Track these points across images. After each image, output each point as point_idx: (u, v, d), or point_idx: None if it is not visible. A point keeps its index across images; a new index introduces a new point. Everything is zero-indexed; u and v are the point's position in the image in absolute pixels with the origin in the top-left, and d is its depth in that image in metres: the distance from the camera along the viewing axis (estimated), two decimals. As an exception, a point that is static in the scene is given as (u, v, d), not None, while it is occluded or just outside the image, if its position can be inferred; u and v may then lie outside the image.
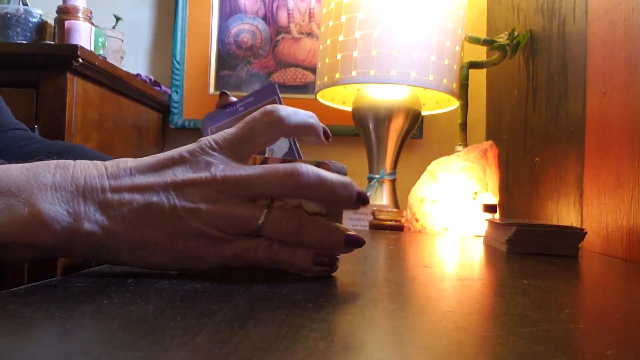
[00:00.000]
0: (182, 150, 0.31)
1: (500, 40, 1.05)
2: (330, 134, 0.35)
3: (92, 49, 1.12)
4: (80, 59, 0.97)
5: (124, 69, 1.23)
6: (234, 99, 0.45)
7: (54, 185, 0.28)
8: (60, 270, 1.10)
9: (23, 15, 1.12)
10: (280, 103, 0.42)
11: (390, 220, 0.86)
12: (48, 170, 0.28)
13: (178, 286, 0.28)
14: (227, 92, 0.44)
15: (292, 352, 0.17)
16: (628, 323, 0.26)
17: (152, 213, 0.29)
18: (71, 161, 0.30)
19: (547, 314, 0.26)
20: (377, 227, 0.86)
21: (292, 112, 0.32)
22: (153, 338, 0.18)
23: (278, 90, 0.43)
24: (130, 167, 0.30)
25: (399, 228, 0.86)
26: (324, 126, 0.35)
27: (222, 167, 0.30)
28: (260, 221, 0.30)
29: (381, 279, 0.36)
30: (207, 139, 0.31)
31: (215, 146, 0.31)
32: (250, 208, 0.30)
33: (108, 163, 0.30)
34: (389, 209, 0.91)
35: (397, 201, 1.10)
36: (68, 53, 0.97)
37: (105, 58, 1.18)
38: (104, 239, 0.29)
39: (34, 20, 1.14)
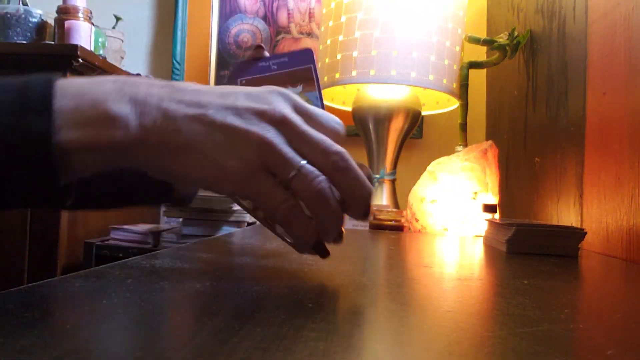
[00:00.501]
0: (248, 88, 0.32)
1: (500, 40, 1.05)
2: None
3: (92, 49, 1.12)
4: (80, 59, 0.97)
5: (124, 69, 1.23)
6: (267, 54, 0.44)
7: (117, 90, 0.29)
8: (60, 271, 1.10)
9: (23, 15, 1.12)
10: (316, 71, 0.42)
11: (390, 220, 0.86)
12: (109, 80, 0.30)
13: (178, 286, 0.28)
14: (262, 45, 0.44)
15: (292, 352, 0.17)
16: (628, 323, 0.26)
17: (204, 123, 0.29)
18: (134, 78, 0.31)
19: (547, 314, 0.26)
20: (377, 227, 0.86)
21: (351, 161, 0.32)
22: (153, 338, 0.18)
23: (315, 58, 0.42)
24: (191, 87, 0.31)
25: (399, 228, 0.86)
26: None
27: (285, 107, 0.31)
28: (300, 164, 0.30)
29: (381, 279, 0.36)
30: (276, 88, 0.32)
31: (285, 94, 0.32)
32: (292, 153, 0.30)
33: (166, 82, 0.31)
34: (389, 209, 0.91)
35: (397, 201, 1.10)
36: (68, 53, 0.97)
37: (105, 58, 1.18)
38: (159, 139, 0.29)
39: (34, 20, 1.14)
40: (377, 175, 1.09)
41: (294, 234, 0.32)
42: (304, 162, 0.30)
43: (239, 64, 0.44)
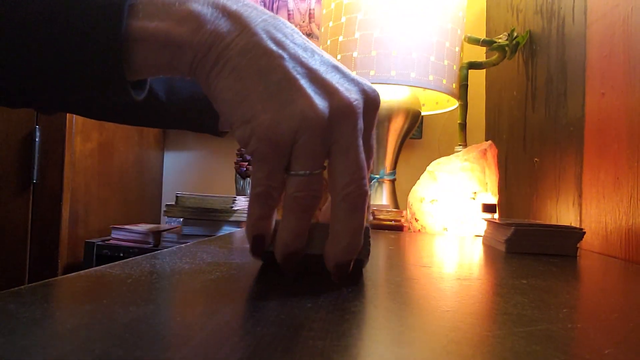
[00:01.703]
0: (348, 71, 0.31)
1: (500, 40, 1.06)
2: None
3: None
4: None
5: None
6: None
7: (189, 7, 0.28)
8: (61, 270, 1.10)
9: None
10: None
11: (390, 220, 0.86)
12: None
13: (178, 286, 0.28)
14: None
15: (292, 352, 0.18)
16: (626, 322, 0.26)
17: (271, 68, 0.28)
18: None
19: (545, 314, 0.26)
20: (377, 227, 0.86)
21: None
22: (153, 338, 0.18)
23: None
24: (290, 32, 0.29)
25: (398, 228, 0.86)
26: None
27: (359, 106, 0.29)
28: (316, 171, 0.28)
29: (381, 279, 0.36)
30: (376, 97, 0.31)
31: (376, 103, 0.31)
32: (320, 157, 0.28)
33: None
34: (389, 209, 0.91)
35: (397, 201, 1.10)
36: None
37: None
38: (223, 54, 0.28)
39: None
40: (377, 176, 1.09)
41: (248, 216, 0.30)
42: (317, 170, 0.28)
43: None
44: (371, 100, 0.31)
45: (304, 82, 0.28)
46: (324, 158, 0.29)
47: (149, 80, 0.35)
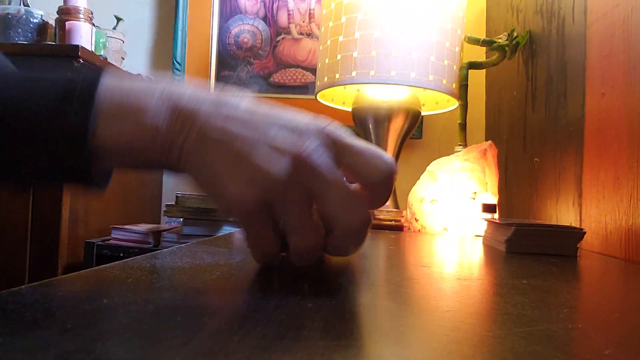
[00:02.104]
0: (302, 116, 0.32)
1: (500, 40, 1.06)
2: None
3: (93, 50, 1.12)
4: (81, 60, 0.97)
5: (125, 69, 1.23)
6: None
7: (156, 98, 0.30)
8: (61, 270, 1.10)
9: (24, 16, 1.13)
10: None
11: (390, 220, 0.86)
12: (155, 90, 0.31)
13: (178, 286, 0.28)
14: None
15: (292, 352, 0.18)
16: (626, 323, 0.26)
17: (230, 142, 0.30)
18: (178, 89, 0.32)
19: (545, 314, 0.26)
20: (377, 227, 0.86)
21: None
22: (153, 337, 0.18)
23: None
24: (228, 99, 0.32)
25: (398, 228, 0.86)
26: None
27: (315, 151, 0.30)
28: (300, 228, 0.31)
29: (381, 279, 0.36)
30: (334, 130, 0.32)
31: (335, 139, 0.31)
32: (300, 195, 0.30)
33: (217, 92, 0.33)
34: (389, 209, 0.91)
35: (397, 201, 1.10)
36: (69, 54, 0.97)
37: (106, 59, 1.18)
38: (185, 145, 0.30)
39: (35, 21, 1.14)
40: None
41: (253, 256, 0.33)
42: (306, 220, 0.30)
43: None
44: (330, 131, 0.32)
45: (256, 150, 0.30)
46: (306, 207, 0.30)
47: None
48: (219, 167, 0.30)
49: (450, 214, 0.85)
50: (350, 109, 1.13)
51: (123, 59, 1.37)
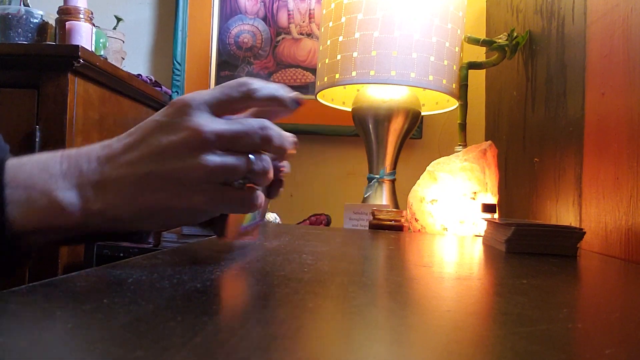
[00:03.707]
0: (158, 116, 0.33)
1: (500, 41, 1.06)
2: (301, 100, 0.37)
3: (93, 50, 1.12)
4: (81, 60, 0.97)
5: (125, 69, 1.23)
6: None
7: (62, 174, 0.32)
8: (62, 270, 1.10)
9: (24, 16, 1.13)
10: None
11: (390, 220, 0.86)
12: (56, 161, 0.32)
13: (178, 286, 0.28)
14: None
15: (292, 352, 0.18)
16: (626, 322, 0.26)
17: (150, 181, 0.32)
18: (73, 150, 0.33)
19: (545, 314, 0.26)
20: (377, 227, 0.86)
21: (263, 86, 0.34)
22: (153, 337, 0.18)
23: None
24: (120, 145, 0.33)
25: (398, 228, 0.86)
26: (293, 95, 0.36)
27: (201, 122, 0.32)
28: (250, 164, 0.33)
29: (381, 279, 0.36)
30: (181, 100, 0.33)
31: (191, 105, 0.32)
32: (236, 156, 0.33)
33: (101, 146, 0.34)
34: (389, 209, 0.91)
35: (397, 201, 1.10)
36: (69, 54, 0.97)
37: (106, 59, 1.18)
38: (112, 212, 0.32)
39: (35, 21, 1.14)
40: (377, 176, 1.09)
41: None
42: (251, 157, 0.33)
43: None
44: (191, 103, 0.33)
45: (169, 167, 0.32)
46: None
47: None
48: (163, 198, 0.32)
49: (450, 214, 0.85)
50: (350, 109, 1.13)
51: (123, 59, 1.37)
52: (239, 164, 0.32)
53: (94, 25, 1.15)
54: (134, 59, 1.48)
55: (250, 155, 0.33)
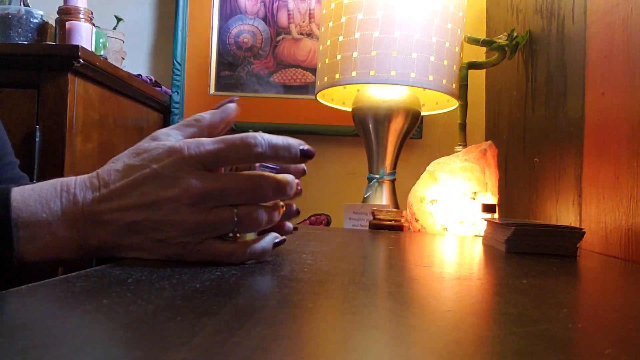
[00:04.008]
0: (155, 164, 0.35)
1: (500, 41, 1.06)
2: (311, 153, 0.37)
3: (93, 50, 1.12)
4: (81, 60, 0.97)
5: (125, 69, 1.23)
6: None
7: (62, 211, 0.35)
8: (61, 271, 1.10)
9: (24, 16, 1.13)
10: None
11: (390, 220, 0.86)
12: (56, 195, 0.35)
13: (178, 286, 0.28)
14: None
15: (292, 352, 0.18)
16: (626, 322, 0.26)
17: (136, 227, 0.34)
18: (71, 181, 0.36)
19: (545, 314, 0.26)
20: (377, 227, 0.86)
21: (268, 146, 0.35)
22: (153, 338, 0.18)
23: None
24: (116, 187, 0.35)
25: (398, 228, 0.86)
26: (304, 147, 0.37)
27: (193, 181, 0.34)
28: (235, 218, 0.35)
29: (381, 279, 0.36)
30: (181, 152, 0.34)
31: (188, 159, 0.34)
32: (222, 211, 0.35)
33: (99, 179, 0.36)
34: (389, 209, 0.91)
35: (397, 201, 1.10)
36: (69, 54, 0.97)
37: (106, 59, 1.18)
38: (105, 246, 0.36)
39: (35, 21, 1.14)
40: (377, 176, 1.09)
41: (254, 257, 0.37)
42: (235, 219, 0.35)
43: None
44: (184, 157, 0.35)
45: (166, 217, 0.34)
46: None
47: None
48: (150, 245, 0.35)
49: (450, 214, 0.85)
50: (350, 109, 1.13)
51: (123, 59, 1.37)
52: (219, 219, 0.34)
53: (94, 25, 1.15)
54: (134, 59, 1.48)
55: (235, 210, 0.35)
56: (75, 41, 1.07)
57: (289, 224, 0.47)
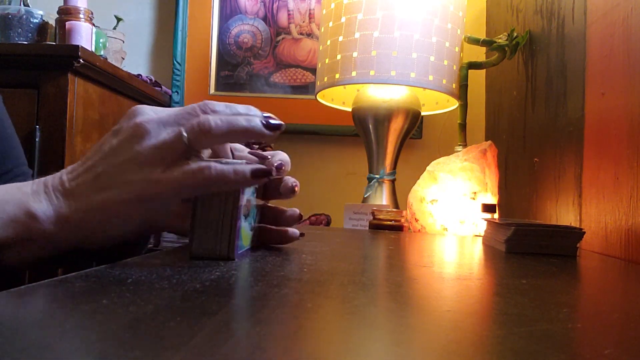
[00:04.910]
0: (117, 126, 0.36)
1: (500, 40, 1.06)
2: (276, 125, 0.37)
3: (93, 50, 1.12)
4: (81, 60, 0.97)
5: (125, 69, 1.23)
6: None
7: (33, 192, 0.35)
8: (61, 271, 1.10)
9: (24, 16, 1.13)
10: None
11: (390, 220, 0.86)
12: (27, 184, 0.36)
13: (177, 286, 0.28)
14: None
15: (292, 352, 0.18)
16: (626, 323, 0.26)
17: (102, 178, 0.35)
18: (46, 177, 0.37)
19: (545, 314, 0.26)
20: (377, 227, 0.86)
21: (226, 122, 0.35)
22: (152, 338, 0.18)
23: None
24: (81, 161, 0.36)
25: (398, 228, 0.86)
26: (266, 115, 0.37)
27: (143, 118, 0.35)
28: (184, 134, 0.34)
29: (381, 278, 0.36)
30: (131, 109, 0.37)
31: (137, 109, 0.36)
32: (169, 132, 0.35)
33: (70, 166, 0.37)
34: (389, 209, 0.91)
35: (397, 201, 1.10)
36: (69, 54, 0.97)
37: (106, 59, 1.18)
38: (79, 217, 0.35)
39: (35, 21, 1.14)
40: (377, 176, 1.09)
41: (229, 184, 0.36)
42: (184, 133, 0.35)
43: None
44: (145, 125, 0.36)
45: (142, 174, 0.35)
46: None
47: None
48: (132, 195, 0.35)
49: (450, 214, 0.85)
50: (350, 109, 1.13)
51: (123, 59, 1.37)
52: (167, 137, 0.34)
53: (94, 25, 1.15)
54: (134, 59, 1.48)
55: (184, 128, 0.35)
56: (75, 41, 1.07)
57: (294, 230, 0.46)
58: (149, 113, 0.36)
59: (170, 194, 0.35)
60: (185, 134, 0.34)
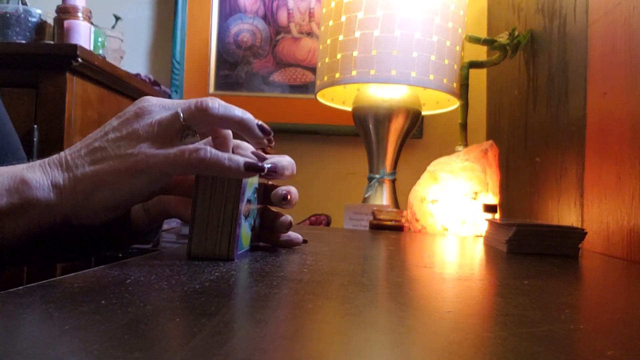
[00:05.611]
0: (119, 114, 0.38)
1: (501, 40, 1.05)
2: (268, 130, 0.39)
3: (92, 49, 1.12)
4: (79, 59, 0.97)
5: (124, 68, 1.23)
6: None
7: (29, 166, 0.37)
8: (60, 271, 1.10)
9: (22, 15, 1.12)
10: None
11: (391, 220, 0.86)
12: (22, 164, 0.37)
13: (177, 287, 0.28)
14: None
15: (292, 352, 0.17)
16: (629, 323, 0.26)
17: (98, 152, 0.36)
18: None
19: (547, 315, 0.26)
20: (377, 227, 0.86)
21: (223, 107, 0.37)
22: (151, 338, 0.18)
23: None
24: (84, 139, 0.38)
25: (399, 228, 0.86)
26: (259, 122, 0.38)
27: (145, 103, 0.37)
28: (181, 113, 0.35)
29: (381, 279, 0.36)
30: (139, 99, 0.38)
31: (142, 98, 0.38)
32: (168, 112, 0.36)
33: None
34: (389, 209, 0.91)
35: (397, 201, 1.10)
36: (67, 53, 0.97)
37: (104, 58, 1.18)
38: (72, 187, 0.36)
39: (34, 20, 1.14)
40: (377, 175, 1.09)
41: (222, 171, 0.36)
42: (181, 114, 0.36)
43: None
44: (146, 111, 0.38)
45: (130, 148, 0.36)
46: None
47: None
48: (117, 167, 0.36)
49: (451, 214, 0.85)
50: (350, 109, 1.13)
51: (122, 58, 1.37)
52: (165, 116, 0.36)
53: (92, 24, 1.15)
54: (133, 58, 1.48)
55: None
56: (74, 40, 1.07)
57: (297, 235, 0.47)
58: (153, 100, 0.37)
59: (163, 170, 0.36)
60: (182, 113, 0.36)
